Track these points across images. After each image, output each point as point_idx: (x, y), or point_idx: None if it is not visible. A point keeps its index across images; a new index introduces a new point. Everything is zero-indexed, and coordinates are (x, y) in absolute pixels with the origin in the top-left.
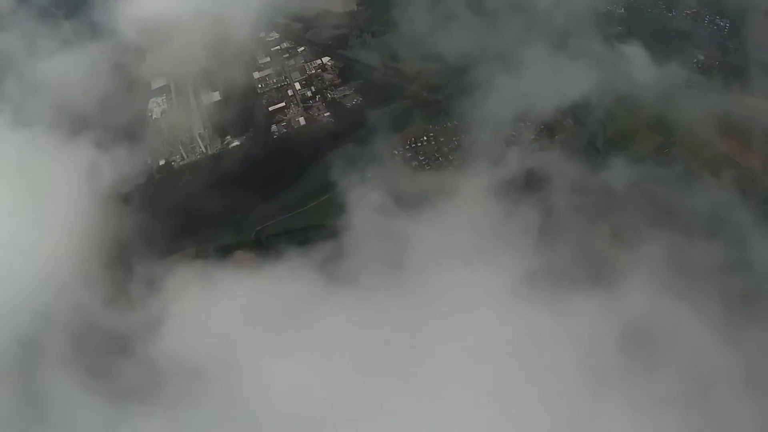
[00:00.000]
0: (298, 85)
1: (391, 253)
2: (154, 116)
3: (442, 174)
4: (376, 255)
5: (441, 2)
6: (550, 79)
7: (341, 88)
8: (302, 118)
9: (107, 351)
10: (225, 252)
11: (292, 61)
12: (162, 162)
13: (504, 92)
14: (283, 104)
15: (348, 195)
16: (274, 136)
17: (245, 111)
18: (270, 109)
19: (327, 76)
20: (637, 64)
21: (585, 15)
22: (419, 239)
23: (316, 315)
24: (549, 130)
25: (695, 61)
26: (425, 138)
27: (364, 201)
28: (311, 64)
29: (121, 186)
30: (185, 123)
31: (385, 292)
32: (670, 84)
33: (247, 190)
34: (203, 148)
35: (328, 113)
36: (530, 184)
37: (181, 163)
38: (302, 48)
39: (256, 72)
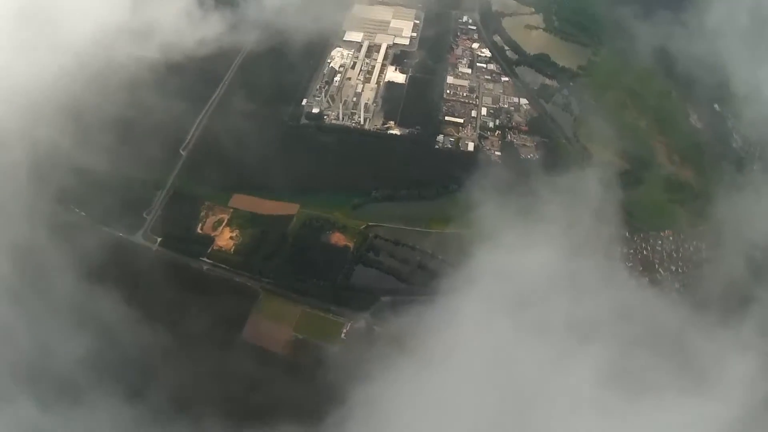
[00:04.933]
0: (484, 111)
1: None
2: (331, 64)
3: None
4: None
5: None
6: None
7: (524, 135)
8: (472, 143)
9: None
10: (327, 223)
11: (490, 85)
12: (316, 110)
13: None
14: (461, 120)
15: (477, 240)
16: (436, 146)
17: (422, 107)
18: (446, 118)
19: (517, 117)
20: None
21: None
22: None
23: None
24: None
25: None
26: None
27: (489, 256)
28: (507, 98)
29: None
30: (358, 87)
31: None
32: None
33: (379, 180)
34: (362, 120)
35: (499, 152)
36: None
37: (333, 121)
38: (507, 79)
39: (451, 77)
